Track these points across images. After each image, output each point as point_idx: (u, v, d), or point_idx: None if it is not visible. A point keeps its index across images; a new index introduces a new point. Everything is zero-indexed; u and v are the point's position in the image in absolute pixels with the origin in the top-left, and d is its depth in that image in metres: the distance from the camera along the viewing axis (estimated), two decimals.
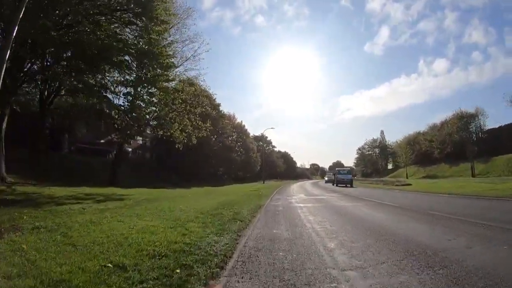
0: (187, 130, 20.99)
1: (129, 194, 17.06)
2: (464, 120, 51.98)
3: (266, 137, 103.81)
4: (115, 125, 19.05)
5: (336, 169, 45.48)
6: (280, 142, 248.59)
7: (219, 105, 52.96)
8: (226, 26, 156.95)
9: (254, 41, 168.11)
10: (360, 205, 12.65)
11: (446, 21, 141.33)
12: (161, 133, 22.45)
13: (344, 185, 36.16)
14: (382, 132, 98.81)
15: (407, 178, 57.75)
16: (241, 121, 71.08)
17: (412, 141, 71.30)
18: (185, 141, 22.82)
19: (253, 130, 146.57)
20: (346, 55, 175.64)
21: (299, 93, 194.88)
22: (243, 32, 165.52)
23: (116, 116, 17.96)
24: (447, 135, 53.97)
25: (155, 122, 23.59)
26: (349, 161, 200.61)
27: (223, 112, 56.30)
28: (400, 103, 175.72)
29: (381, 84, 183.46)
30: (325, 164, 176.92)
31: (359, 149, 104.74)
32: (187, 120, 20.21)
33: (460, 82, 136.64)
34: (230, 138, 59.54)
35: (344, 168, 46.75)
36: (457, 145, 51.19)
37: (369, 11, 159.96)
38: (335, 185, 38.98)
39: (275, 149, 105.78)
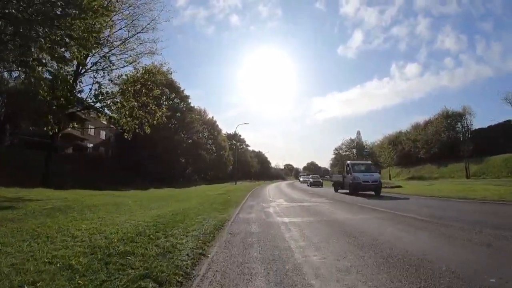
0: (134, 114, 16.13)
1: (43, 199, 12.18)
2: (450, 119, 50.26)
3: (240, 135, 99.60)
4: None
5: (350, 162, 22.86)
6: (255, 142, 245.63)
7: (187, 97, 47.92)
8: (200, 25, 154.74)
9: (228, 41, 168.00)
10: (374, 219, 8.44)
11: (418, 27, 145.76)
12: (104, 117, 17.63)
13: (362, 191, 19.44)
14: (358, 133, 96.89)
15: (390, 179, 55.19)
16: (212, 117, 66.18)
17: (393, 141, 69.23)
18: (137, 129, 18.01)
19: (228, 129, 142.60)
20: (319, 57, 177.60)
21: (274, 93, 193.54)
22: (217, 31, 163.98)
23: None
24: (433, 135, 51.80)
25: (97, 103, 18.48)
26: (324, 162, 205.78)
27: (192, 105, 51.15)
28: (372, 106, 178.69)
29: (354, 87, 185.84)
30: (299, 165, 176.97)
31: (336, 149, 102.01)
32: (133, 101, 15.32)
33: (432, 86, 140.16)
34: (200, 135, 54.39)
35: (364, 162, 24.93)
36: (444, 145, 49.16)
37: (343, 14, 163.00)
38: (349, 192, 21.05)
39: (249, 148, 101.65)
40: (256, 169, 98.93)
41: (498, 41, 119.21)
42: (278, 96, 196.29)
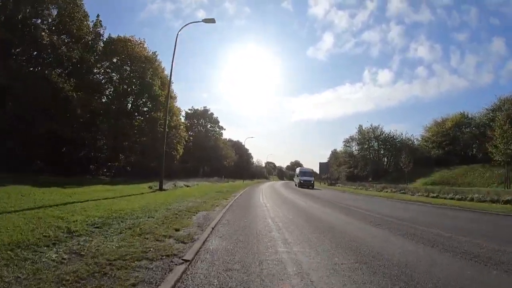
0: None
1: None
2: None
3: (211, 113, 67.63)
4: None
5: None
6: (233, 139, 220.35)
7: None
8: (167, 19, 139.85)
9: (196, 36, 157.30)
10: None
11: (390, 33, 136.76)
12: None
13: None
14: (361, 127, 67.05)
15: (508, 187, 25.82)
16: (155, 53, 33.94)
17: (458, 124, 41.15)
18: None
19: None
20: (288, 58, 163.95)
21: (246, 91, 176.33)
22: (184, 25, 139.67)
23: None
24: None
25: None
26: (307, 161, 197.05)
27: None
28: (345, 110, 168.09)
29: (326, 90, 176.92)
30: (282, 163, 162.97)
31: (346, 141, 71.83)
32: None
33: (405, 94, 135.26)
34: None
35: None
36: None
37: (311, 16, 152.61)
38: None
39: (223, 131, 69.46)
40: (232, 163, 67.49)
41: (473, 54, 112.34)
42: (251, 94, 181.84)
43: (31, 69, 19.93)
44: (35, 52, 20.04)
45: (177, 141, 33.24)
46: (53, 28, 21.97)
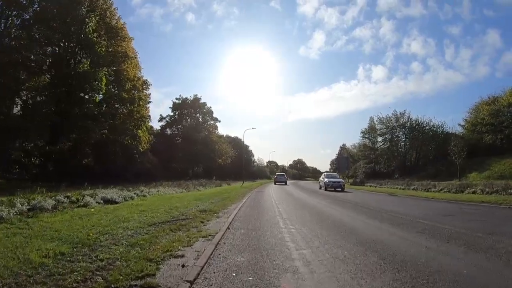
0: None
1: None
2: None
3: (204, 103, 55.60)
4: None
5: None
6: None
7: None
8: (157, 23, 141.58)
9: (187, 39, 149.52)
10: None
11: (382, 29, 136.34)
12: None
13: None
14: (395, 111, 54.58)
15: None
16: (112, 6, 22.30)
17: None
18: None
19: None
20: (281, 58, 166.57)
21: (242, 93, 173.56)
22: (175, 29, 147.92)
23: None
24: None
25: None
26: (310, 160, 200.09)
27: None
28: (342, 108, 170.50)
29: (321, 89, 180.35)
30: (284, 162, 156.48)
31: (364, 132, 59.07)
32: None
33: (401, 90, 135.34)
34: None
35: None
36: None
37: (300, 14, 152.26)
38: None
39: (217, 124, 57.17)
40: (229, 161, 55.26)
41: (467, 47, 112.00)
42: (248, 95, 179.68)
43: None
44: None
45: (135, 124, 20.74)
46: None
